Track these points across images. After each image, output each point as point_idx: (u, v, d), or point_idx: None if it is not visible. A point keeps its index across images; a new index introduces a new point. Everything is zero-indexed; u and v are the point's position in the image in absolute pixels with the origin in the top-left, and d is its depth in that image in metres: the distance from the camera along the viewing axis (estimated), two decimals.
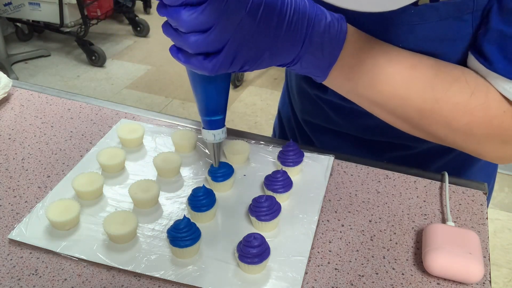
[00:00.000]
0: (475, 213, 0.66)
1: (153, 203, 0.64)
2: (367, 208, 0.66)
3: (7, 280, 0.55)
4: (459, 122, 0.58)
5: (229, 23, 0.48)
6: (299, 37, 0.52)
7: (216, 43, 0.49)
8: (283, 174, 0.64)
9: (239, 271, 0.56)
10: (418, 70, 0.57)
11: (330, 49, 0.55)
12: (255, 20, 0.49)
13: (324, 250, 0.60)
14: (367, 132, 0.79)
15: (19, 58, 3.24)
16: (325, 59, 0.55)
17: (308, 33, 0.53)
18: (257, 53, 0.52)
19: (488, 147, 0.61)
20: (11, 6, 3.13)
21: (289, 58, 0.54)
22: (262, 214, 0.60)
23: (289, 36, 0.52)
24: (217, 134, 0.60)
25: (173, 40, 0.51)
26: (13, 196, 0.66)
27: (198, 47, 0.49)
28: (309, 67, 0.56)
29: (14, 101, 0.85)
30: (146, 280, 0.56)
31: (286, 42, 0.52)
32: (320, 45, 0.54)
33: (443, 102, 0.57)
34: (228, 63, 0.50)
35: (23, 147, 0.75)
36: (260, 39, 0.51)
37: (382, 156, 0.79)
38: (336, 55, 0.55)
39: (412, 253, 0.60)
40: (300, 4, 0.52)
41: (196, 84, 0.57)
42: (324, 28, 0.53)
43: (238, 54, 0.50)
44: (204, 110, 0.59)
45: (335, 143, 0.82)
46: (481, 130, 0.59)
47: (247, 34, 0.49)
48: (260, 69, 0.54)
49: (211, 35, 0.48)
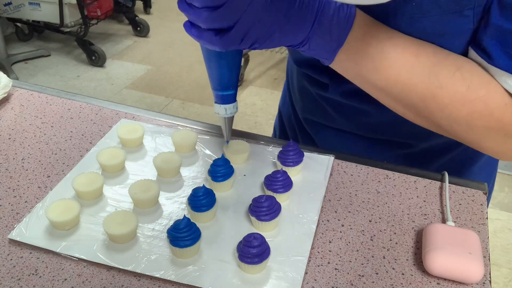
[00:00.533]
0: (475, 213, 0.66)
1: (153, 203, 0.64)
2: (367, 208, 0.66)
3: (7, 280, 0.55)
4: (460, 112, 0.59)
5: (242, 0, 0.49)
6: (309, 18, 0.53)
7: (227, 19, 0.50)
8: (283, 174, 0.64)
9: (239, 271, 0.56)
10: (422, 56, 0.58)
11: (338, 32, 0.55)
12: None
13: (324, 250, 0.60)
14: (368, 130, 0.79)
15: (19, 58, 3.24)
16: (333, 41, 0.56)
17: (318, 14, 0.54)
18: (268, 32, 0.53)
19: (490, 140, 0.61)
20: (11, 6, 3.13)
21: (298, 39, 0.55)
22: (262, 214, 0.60)
23: (300, 16, 0.53)
24: (228, 108, 0.62)
25: (187, 15, 0.52)
26: (13, 196, 0.66)
27: (210, 22, 0.50)
28: (317, 49, 0.57)
29: (14, 101, 0.85)
30: (146, 280, 0.56)
31: (297, 23, 0.53)
32: (329, 27, 0.55)
33: (445, 90, 0.58)
34: (238, 40, 0.52)
35: (23, 147, 0.75)
36: (271, 18, 0.52)
37: (383, 154, 0.79)
38: (343, 38, 0.56)
39: (412, 253, 0.60)
40: None
41: (210, 59, 0.58)
42: (334, 11, 0.54)
43: (249, 31, 0.51)
44: (216, 85, 0.61)
45: (336, 142, 0.82)
46: (482, 121, 0.59)
47: (259, 13, 0.50)
48: (270, 48, 0.56)
49: (224, 11, 0.49)
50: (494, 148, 0.63)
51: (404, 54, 0.58)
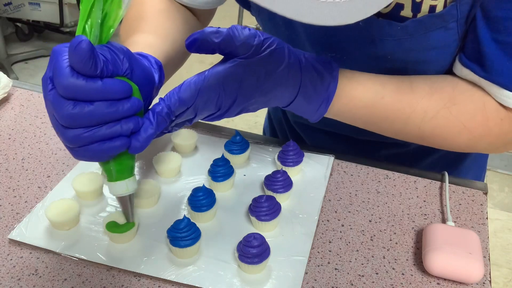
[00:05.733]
0: (475, 213, 0.66)
1: (153, 204, 0.64)
2: (367, 208, 0.66)
3: (7, 280, 0.55)
4: (460, 140, 0.61)
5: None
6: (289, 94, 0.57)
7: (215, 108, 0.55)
8: (283, 174, 0.64)
9: (239, 271, 0.56)
10: (415, 96, 0.60)
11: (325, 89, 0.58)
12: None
13: (324, 250, 0.60)
14: (359, 131, 0.79)
15: (19, 58, 3.23)
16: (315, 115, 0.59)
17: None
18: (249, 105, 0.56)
19: (492, 150, 0.65)
20: (11, 6, 3.13)
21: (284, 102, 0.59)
22: (262, 214, 0.60)
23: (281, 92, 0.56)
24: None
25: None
26: (13, 196, 0.66)
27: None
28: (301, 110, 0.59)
29: (14, 101, 0.85)
30: (146, 280, 0.56)
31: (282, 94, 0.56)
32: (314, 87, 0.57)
33: (442, 128, 0.60)
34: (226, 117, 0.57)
35: (23, 147, 0.75)
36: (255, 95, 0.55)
37: (375, 154, 0.79)
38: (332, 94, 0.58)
39: (412, 253, 0.60)
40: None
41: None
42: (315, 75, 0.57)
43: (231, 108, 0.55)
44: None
45: (328, 144, 0.82)
46: (482, 141, 0.62)
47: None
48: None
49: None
50: (495, 152, 0.67)
51: (396, 105, 0.59)
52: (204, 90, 0.52)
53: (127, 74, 0.48)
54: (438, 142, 0.63)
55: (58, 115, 0.45)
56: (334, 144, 0.81)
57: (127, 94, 0.47)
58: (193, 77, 0.52)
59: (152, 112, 0.51)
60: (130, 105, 0.47)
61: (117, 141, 0.47)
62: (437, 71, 0.64)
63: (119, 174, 0.52)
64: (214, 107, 0.54)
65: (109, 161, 0.51)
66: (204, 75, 0.52)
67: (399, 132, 0.62)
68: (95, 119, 0.45)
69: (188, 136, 0.73)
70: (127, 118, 0.47)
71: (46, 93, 0.46)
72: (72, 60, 0.43)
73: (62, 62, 0.44)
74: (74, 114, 0.45)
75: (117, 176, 0.52)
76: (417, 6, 0.57)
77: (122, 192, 0.53)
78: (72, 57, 0.43)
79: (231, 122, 2.53)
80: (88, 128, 0.46)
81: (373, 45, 0.62)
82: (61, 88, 0.44)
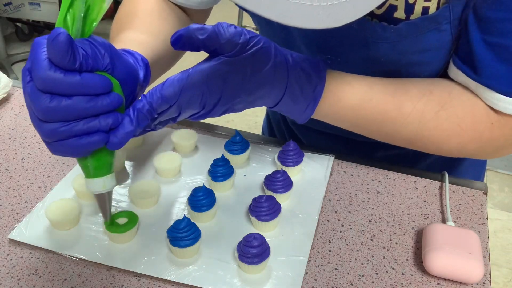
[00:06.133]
0: (475, 213, 0.66)
1: (153, 203, 0.64)
2: (367, 208, 0.66)
3: (7, 280, 0.55)
4: (450, 144, 0.61)
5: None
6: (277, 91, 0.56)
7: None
8: (283, 174, 0.64)
9: (239, 271, 0.56)
10: (403, 99, 0.59)
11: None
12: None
13: (324, 250, 0.60)
14: (357, 133, 0.79)
15: (19, 58, 3.23)
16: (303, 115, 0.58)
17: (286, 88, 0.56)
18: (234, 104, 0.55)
19: (483, 155, 0.65)
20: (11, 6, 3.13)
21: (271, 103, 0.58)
22: (262, 214, 0.60)
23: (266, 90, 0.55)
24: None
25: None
26: (13, 196, 0.66)
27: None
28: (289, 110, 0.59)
29: (14, 101, 0.85)
30: (146, 280, 0.56)
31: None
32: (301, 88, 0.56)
33: (432, 131, 0.60)
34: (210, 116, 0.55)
35: (23, 147, 0.75)
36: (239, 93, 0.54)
37: (373, 156, 0.79)
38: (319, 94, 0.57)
39: (412, 253, 0.60)
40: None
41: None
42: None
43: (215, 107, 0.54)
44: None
45: (325, 145, 0.82)
46: (473, 145, 0.61)
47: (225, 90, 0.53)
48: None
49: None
50: (488, 157, 0.67)
51: (384, 107, 0.59)
52: (188, 87, 0.51)
53: (108, 70, 0.47)
54: (427, 146, 0.62)
55: (35, 108, 0.44)
56: (332, 145, 0.81)
57: (107, 89, 0.46)
58: (177, 75, 0.51)
59: (132, 109, 0.49)
60: (110, 101, 0.46)
61: (95, 136, 0.46)
62: (431, 73, 0.64)
63: (97, 170, 0.50)
64: (198, 106, 0.52)
65: (87, 157, 0.49)
66: (188, 73, 0.51)
67: (388, 135, 0.62)
68: (72, 113, 0.44)
69: (188, 136, 0.73)
70: (106, 113, 0.46)
71: (24, 85, 0.45)
72: (50, 52, 0.43)
73: (41, 55, 0.43)
74: (51, 107, 0.44)
75: (94, 172, 0.50)
76: (410, 8, 0.57)
77: (99, 190, 0.51)
78: (50, 50, 0.42)
79: (231, 122, 2.53)
80: (66, 122, 0.45)
81: (366, 48, 0.62)
82: (39, 80, 0.43)
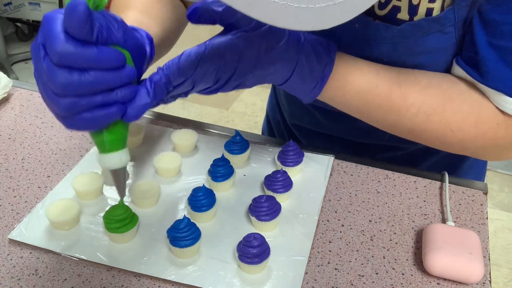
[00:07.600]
0: (475, 213, 0.66)
1: (153, 203, 0.64)
2: (367, 208, 0.66)
3: (7, 280, 0.55)
4: (452, 139, 0.60)
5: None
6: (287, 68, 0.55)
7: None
8: (283, 174, 0.64)
9: (239, 271, 0.56)
10: (410, 89, 0.59)
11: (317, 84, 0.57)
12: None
13: (324, 250, 0.60)
14: (356, 134, 0.79)
15: (19, 58, 3.23)
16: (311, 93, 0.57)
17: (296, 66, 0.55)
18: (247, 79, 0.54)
19: (485, 155, 0.65)
20: (11, 6, 3.13)
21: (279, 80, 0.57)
22: (262, 214, 0.60)
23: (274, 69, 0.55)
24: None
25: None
26: (13, 196, 0.66)
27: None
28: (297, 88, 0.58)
29: (14, 101, 0.85)
30: (146, 280, 0.56)
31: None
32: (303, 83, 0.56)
33: (435, 124, 0.59)
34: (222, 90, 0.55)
35: (23, 147, 0.75)
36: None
37: (372, 158, 0.79)
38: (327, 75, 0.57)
39: (412, 253, 0.60)
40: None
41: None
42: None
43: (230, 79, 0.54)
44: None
45: (325, 147, 0.82)
46: (476, 143, 0.61)
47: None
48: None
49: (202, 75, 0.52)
50: (490, 158, 0.66)
51: (390, 95, 0.58)
52: (205, 60, 0.50)
53: (120, 43, 0.46)
54: (430, 139, 0.62)
55: (52, 83, 0.43)
56: (331, 146, 0.81)
57: (122, 62, 0.45)
58: (193, 48, 0.51)
59: (149, 81, 0.49)
60: (126, 73, 0.46)
61: (113, 107, 0.46)
62: None
63: (113, 145, 0.49)
64: (212, 80, 0.52)
65: (102, 132, 0.48)
66: (204, 46, 0.51)
67: (392, 124, 0.61)
68: (92, 86, 0.44)
69: (188, 136, 0.73)
70: (122, 86, 0.46)
71: (38, 61, 0.44)
72: (68, 24, 0.41)
73: (56, 28, 0.42)
74: (71, 82, 0.43)
75: (110, 146, 0.48)
76: (414, 9, 0.57)
77: (115, 165, 0.49)
78: (68, 21, 0.41)
79: (231, 122, 2.53)
80: (84, 96, 0.44)
81: (369, 48, 0.62)
82: (56, 54, 0.42)
